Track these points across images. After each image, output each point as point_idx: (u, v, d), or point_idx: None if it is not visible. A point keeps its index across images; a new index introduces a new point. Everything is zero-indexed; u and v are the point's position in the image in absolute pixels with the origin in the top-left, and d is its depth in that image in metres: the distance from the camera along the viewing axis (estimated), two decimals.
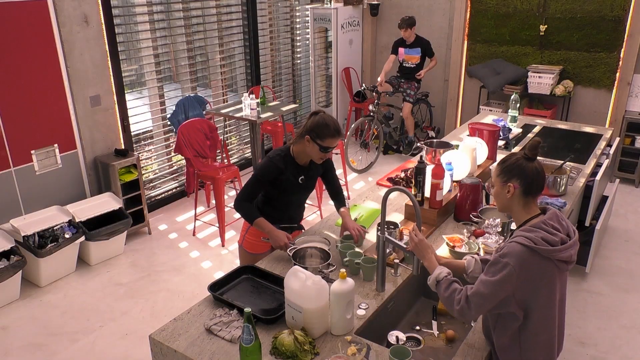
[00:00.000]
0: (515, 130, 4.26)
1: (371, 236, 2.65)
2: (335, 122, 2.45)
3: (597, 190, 3.63)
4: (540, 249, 1.70)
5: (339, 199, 2.77)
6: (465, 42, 6.32)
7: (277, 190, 2.57)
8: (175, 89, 5.77)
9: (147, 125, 5.22)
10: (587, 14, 5.53)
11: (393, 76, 6.23)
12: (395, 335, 2.04)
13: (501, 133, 3.95)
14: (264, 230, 2.51)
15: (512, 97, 4.39)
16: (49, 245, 3.80)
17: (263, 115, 4.88)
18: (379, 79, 5.94)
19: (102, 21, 4.26)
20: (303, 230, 2.84)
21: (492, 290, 1.72)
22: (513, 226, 2.60)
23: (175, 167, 5.53)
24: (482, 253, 2.37)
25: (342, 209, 2.69)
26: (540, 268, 1.72)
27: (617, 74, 5.55)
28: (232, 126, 6.09)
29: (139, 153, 5.01)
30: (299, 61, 6.97)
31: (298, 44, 6.88)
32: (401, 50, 6.04)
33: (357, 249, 2.48)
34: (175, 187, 5.48)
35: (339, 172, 5.88)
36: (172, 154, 5.36)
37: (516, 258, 1.70)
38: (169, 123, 5.29)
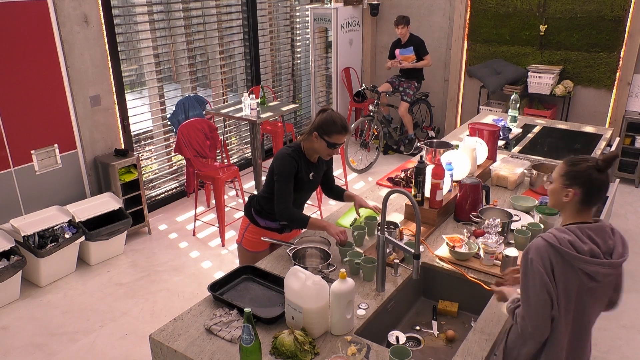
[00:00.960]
0: (515, 130, 4.26)
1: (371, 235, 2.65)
2: (342, 119, 2.49)
3: None
4: (563, 250, 1.63)
5: (336, 189, 2.81)
6: (465, 42, 6.32)
7: None
8: (175, 89, 5.77)
9: (147, 125, 5.22)
10: (587, 14, 5.53)
11: (394, 76, 6.23)
12: (395, 335, 2.04)
13: (501, 133, 3.94)
14: (318, 228, 2.53)
15: (512, 97, 4.39)
16: (49, 245, 3.79)
17: (263, 115, 4.88)
18: (388, 64, 6.00)
19: (102, 21, 4.26)
20: (303, 230, 2.84)
21: (532, 293, 1.66)
22: (513, 226, 2.62)
23: (175, 167, 5.53)
24: (482, 253, 2.37)
25: (346, 192, 2.77)
26: (562, 272, 1.65)
27: (617, 74, 5.55)
28: (232, 126, 6.09)
29: (139, 153, 5.01)
30: (299, 61, 6.97)
31: (298, 44, 6.88)
32: (397, 52, 6.06)
33: (357, 249, 2.48)
34: (175, 187, 5.48)
35: (339, 172, 5.93)
36: (172, 154, 5.36)
37: (536, 251, 1.66)
38: (169, 123, 5.29)
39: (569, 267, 1.65)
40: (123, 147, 4.66)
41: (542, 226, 2.57)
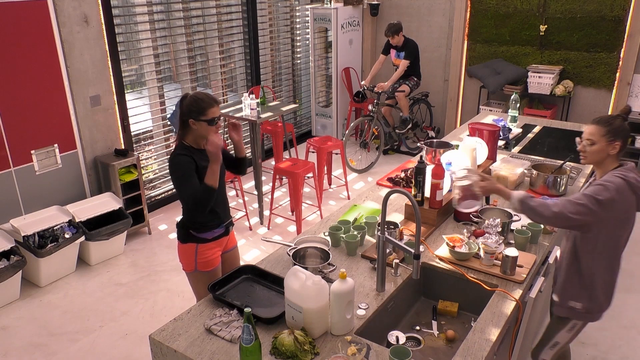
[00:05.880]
0: (515, 130, 4.25)
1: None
2: (206, 94, 2.46)
3: None
4: (634, 184, 2.14)
5: (236, 162, 2.74)
6: (465, 42, 6.32)
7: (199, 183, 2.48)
8: (175, 89, 5.77)
9: (147, 125, 5.22)
10: (587, 14, 5.53)
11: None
12: (395, 335, 2.04)
13: (501, 133, 3.94)
14: (214, 169, 2.39)
15: (512, 97, 4.39)
16: (49, 245, 3.80)
17: (263, 115, 4.88)
18: (362, 82, 6.01)
19: (102, 21, 4.27)
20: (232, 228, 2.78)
21: (594, 204, 2.10)
22: (513, 226, 2.61)
23: None
24: (482, 253, 2.37)
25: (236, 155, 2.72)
26: (629, 201, 2.15)
27: (617, 74, 5.55)
28: None
29: (139, 153, 5.01)
30: (299, 61, 6.97)
31: (298, 44, 6.88)
32: (393, 51, 6.08)
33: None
34: None
35: (338, 172, 5.94)
36: None
37: (617, 186, 2.11)
38: (169, 123, 5.29)
39: (635, 196, 2.16)
40: (123, 147, 4.66)
41: (542, 226, 2.57)
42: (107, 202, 4.24)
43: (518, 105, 4.39)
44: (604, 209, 2.11)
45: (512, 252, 2.26)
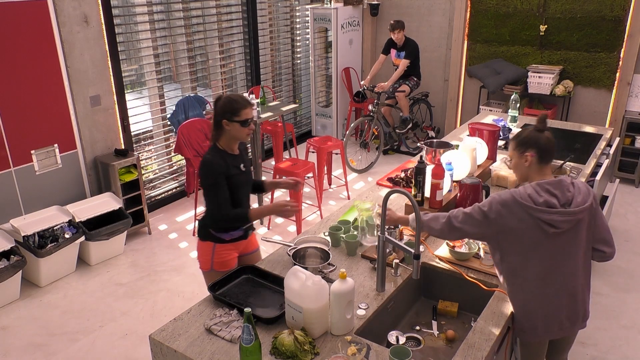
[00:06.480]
0: (515, 130, 4.25)
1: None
2: (240, 95, 2.49)
3: (597, 190, 3.62)
4: (522, 203, 1.94)
5: (255, 182, 2.80)
6: (465, 42, 6.32)
7: (229, 190, 2.52)
8: (175, 89, 5.77)
9: (147, 125, 5.22)
10: (587, 14, 5.53)
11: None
12: (395, 335, 2.04)
13: (501, 133, 3.94)
14: (264, 214, 2.52)
15: (512, 97, 4.39)
16: (49, 245, 3.80)
17: (263, 115, 4.88)
18: (362, 82, 6.00)
19: (102, 21, 4.26)
20: (255, 231, 2.83)
21: (479, 214, 2.02)
22: None
23: (175, 167, 5.53)
24: (482, 253, 2.37)
25: (265, 180, 2.83)
26: (521, 220, 1.95)
27: (617, 74, 5.55)
28: None
29: (139, 153, 5.01)
30: (299, 61, 6.97)
31: (298, 44, 6.88)
32: (393, 51, 6.07)
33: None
34: (175, 187, 5.48)
35: (338, 172, 5.94)
36: (172, 154, 5.36)
37: (500, 198, 1.99)
38: (169, 123, 5.29)
39: (530, 218, 1.95)
40: (123, 147, 4.66)
41: None
42: (107, 202, 4.24)
43: (518, 105, 4.40)
44: (490, 222, 2.00)
45: None
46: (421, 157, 2.69)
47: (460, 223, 2.07)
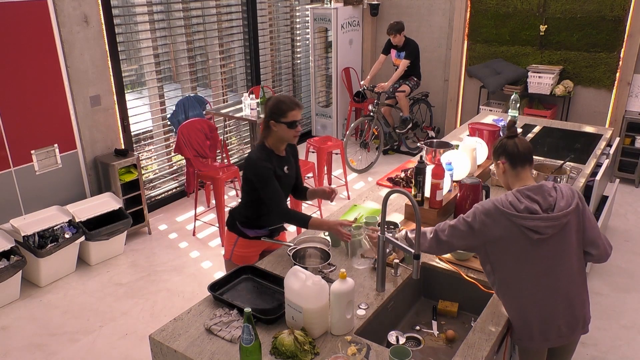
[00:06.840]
0: None
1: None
2: (288, 96, 2.49)
3: (597, 190, 3.62)
4: (504, 211, 1.93)
5: (302, 189, 2.78)
6: (465, 42, 6.32)
7: None
8: (175, 89, 5.77)
9: (147, 125, 5.22)
10: (587, 14, 5.53)
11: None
12: (395, 335, 2.04)
13: (501, 133, 3.94)
14: (322, 228, 2.46)
15: (512, 97, 4.38)
16: (49, 245, 3.80)
17: (263, 115, 4.87)
18: (362, 82, 5.99)
19: (102, 21, 4.26)
20: (286, 231, 2.84)
21: (464, 226, 2.00)
22: None
23: (175, 167, 5.53)
24: None
25: (309, 189, 2.76)
26: (505, 228, 1.93)
27: (617, 74, 5.55)
28: (232, 126, 6.09)
29: (139, 153, 5.01)
30: (299, 61, 6.97)
31: (298, 44, 6.88)
32: (393, 51, 6.07)
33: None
34: (175, 187, 5.48)
35: (338, 172, 5.94)
36: (172, 154, 5.36)
37: (483, 208, 1.97)
38: (169, 123, 5.29)
39: (513, 225, 1.93)
40: (123, 147, 4.66)
41: None
42: (107, 202, 4.24)
43: (518, 105, 4.38)
44: (475, 232, 1.98)
45: None
46: (421, 157, 2.69)
47: (447, 237, 2.05)
